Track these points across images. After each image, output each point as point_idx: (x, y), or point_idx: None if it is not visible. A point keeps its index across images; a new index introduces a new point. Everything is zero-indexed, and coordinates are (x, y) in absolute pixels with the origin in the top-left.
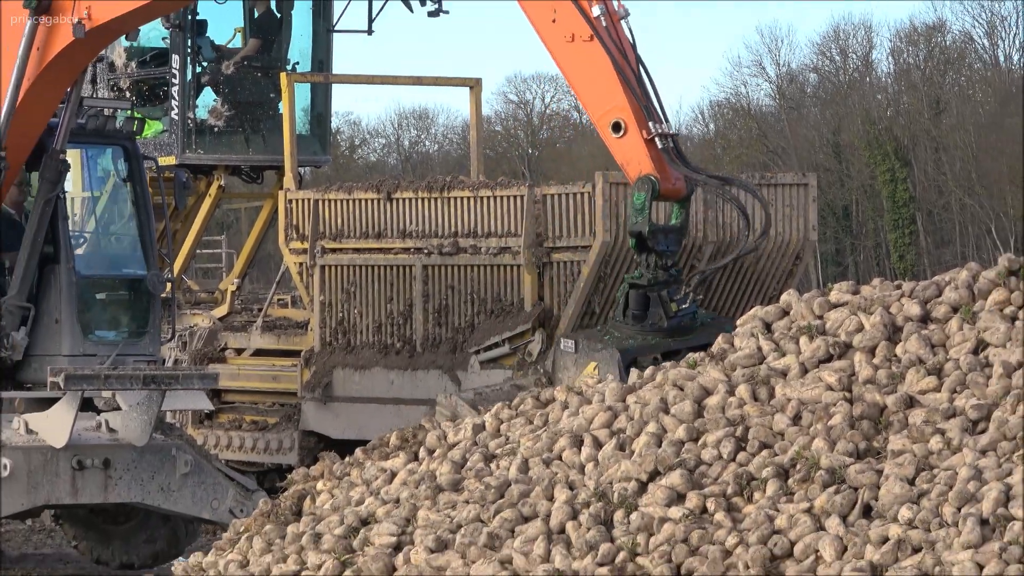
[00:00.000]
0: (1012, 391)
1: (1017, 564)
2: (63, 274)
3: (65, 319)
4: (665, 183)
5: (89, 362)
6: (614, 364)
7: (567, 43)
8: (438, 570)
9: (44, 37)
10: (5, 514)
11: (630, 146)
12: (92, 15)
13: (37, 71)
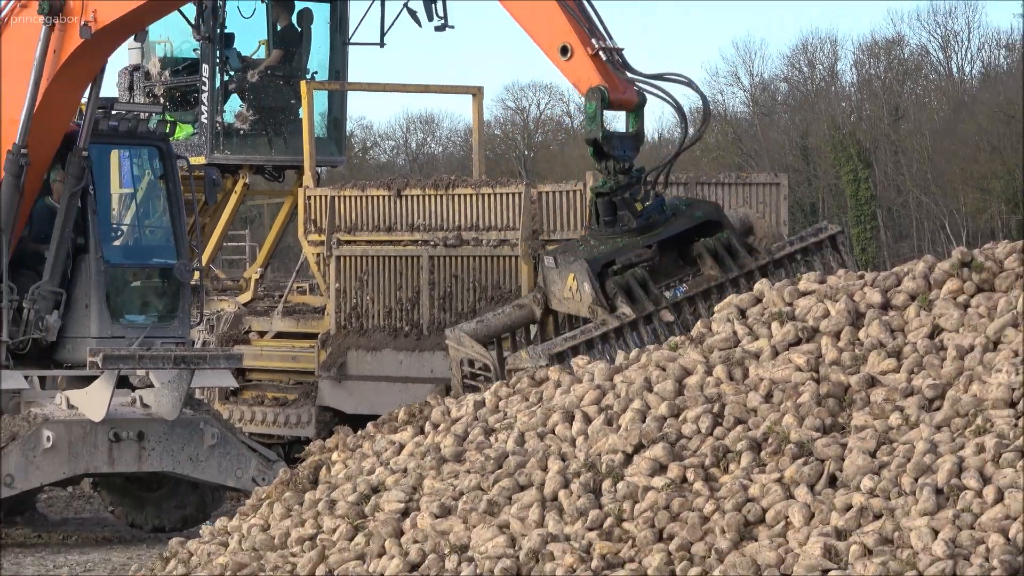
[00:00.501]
0: (964, 372)
1: (969, 530)
2: (92, 263)
3: (94, 304)
4: (614, 92)
5: (118, 344)
6: (585, 274)
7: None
8: (442, 534)
9: (58, 41)
10: (48, 482)
11: (578, 64)
12: (97, 17)
13: (54, 72)
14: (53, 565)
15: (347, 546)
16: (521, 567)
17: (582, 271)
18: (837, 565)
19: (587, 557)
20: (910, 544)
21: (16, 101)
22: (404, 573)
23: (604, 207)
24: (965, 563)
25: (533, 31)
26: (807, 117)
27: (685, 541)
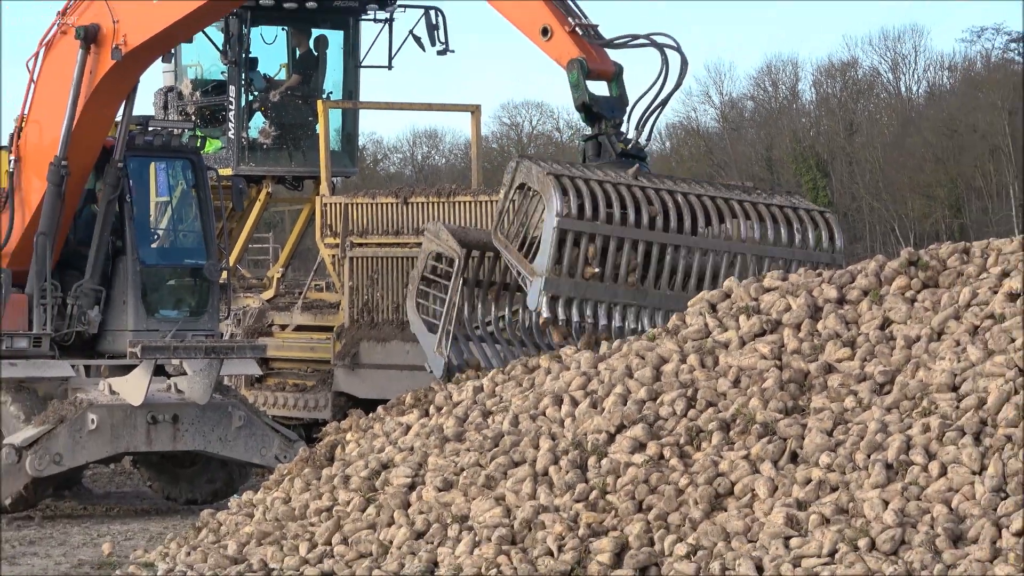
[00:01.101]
0: (911, 360)
1: (916, 501)
2: (129, 264)
3: (130, 301)
4: (592, 63)
5: (152, 336)
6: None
7: None
8: (444, 505)
9: (93, 63)
10: (93, 459)
11: (557, 41)
12: (127, 40)
13: (90, 91)
14: (97, 534)
15: (360, 516)
16: (516, 535)
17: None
18: (798, 532)
19: (575, 526)
20: (863, 514)
21: (58, 117)
22: (411, 540)
23: (591, 147)
24: (912, 530)
25: (516, 19)
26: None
27: (662, 511)
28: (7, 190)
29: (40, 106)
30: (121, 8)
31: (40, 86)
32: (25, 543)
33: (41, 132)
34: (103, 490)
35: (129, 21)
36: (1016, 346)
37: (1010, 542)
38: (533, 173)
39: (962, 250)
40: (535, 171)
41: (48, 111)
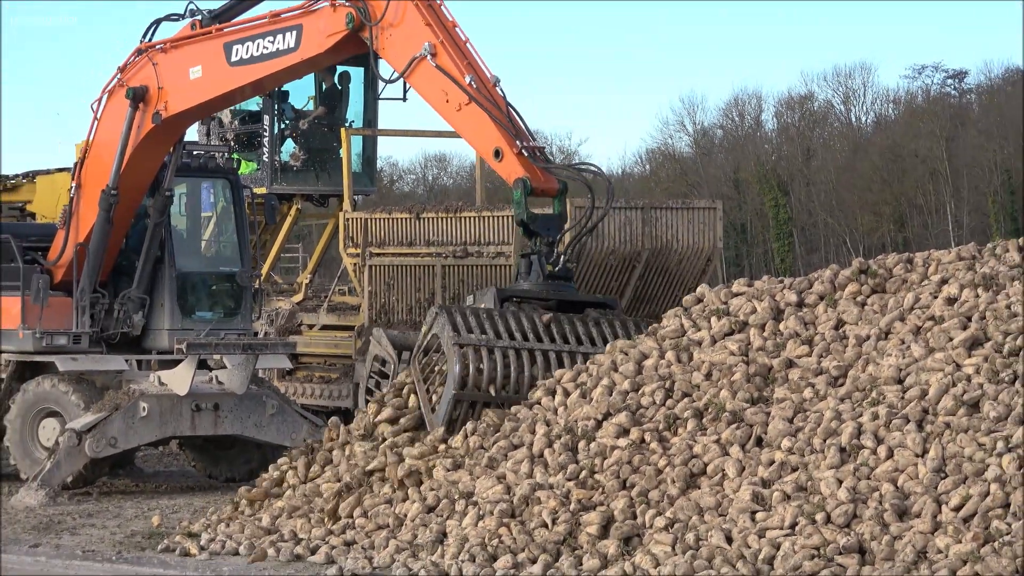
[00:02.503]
0: (862, 356)
1: (866, 480)
2: (166, 272)
3: (167, 304)
4: (536, 181)
5: (189, 334)
6: (491, 299)
7: (457, 111)
8: (452, 483)
9: (140, 119)
10: (144, 443)
11: (507, 162)
12: (168, 107)
13: (136, 143)
14: (147, 508)
15: (377, 493)
16: (515, 509)
17: (489, 298)
18: (763, 507)
19: (567, 501)
20: (820, 491)
21: (111, 155)
22: (423, 514)
23: (524, 265)
24: (863, 506)
25: (473, 140)
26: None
27: (643, 489)
28: (66, 210)
29: (99, 144)
30: (166, 77)
31: (100, 126)
32: (84, 516)
33: (98, 165)
34: (152, 469)
35: (171, 89)
36: (953, 344)
37: (949, 516)
38: (445, 334)
39: (906, 260)
40: (446, 333)
41: (105, 149)
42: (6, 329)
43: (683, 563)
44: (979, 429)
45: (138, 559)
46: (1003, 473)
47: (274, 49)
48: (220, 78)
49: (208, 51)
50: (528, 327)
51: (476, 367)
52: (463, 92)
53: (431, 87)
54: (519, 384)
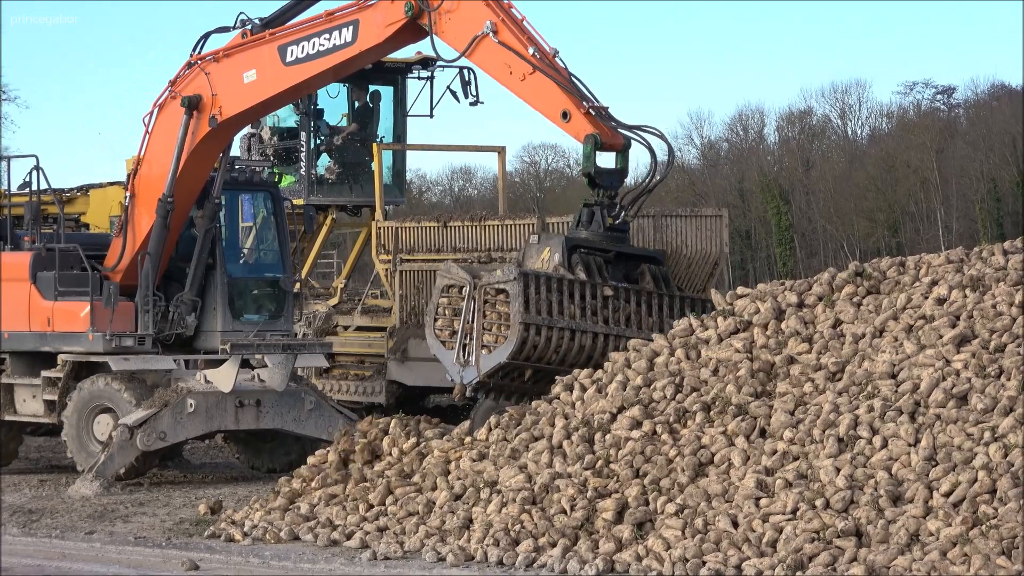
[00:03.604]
0: (858, 353)
1: (862, 468)
2: (218, 277)
3: (219, 307)
4: (605, 137)
5: (238, 336)
6: (559, 246)
7: (521, 82)
8: (477, 473)
9: (195, 125)
10: (191, 436)
11: (575, 121)
12: (223, 111)
13: (191, 148)
14: (195, 497)
15: (408, 481)
16: (536, 497)
17: (558, 244)
18: (766, 494)
19: (584, 489)
20: (819, 478)
21: (166, 165)
22: (450, 501)
23: (586, 214)
24: (860, 492)
25: (539, 105)
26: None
27: (655, 477)
28: (122, 219)
29: (152, 155)
30: (219, 83)
31: (153, 138)
32: (136, 504)
33: (152, 175)
34: (199, 461)
35: (225, 95)
36: (943, 341)
37: (939, 502)
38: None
39: (899, 263)
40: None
41: (158, 159)
42: (75, 332)
43: (692, 546)
44: (967, 420)
45: (186, 544)
46: (990, 461)
47: (331, 45)
48: (276, 78)
49: (262, 55)
50: (589, 298)
51: (532, 344)
52: (526, 63)
53: (494, 62)
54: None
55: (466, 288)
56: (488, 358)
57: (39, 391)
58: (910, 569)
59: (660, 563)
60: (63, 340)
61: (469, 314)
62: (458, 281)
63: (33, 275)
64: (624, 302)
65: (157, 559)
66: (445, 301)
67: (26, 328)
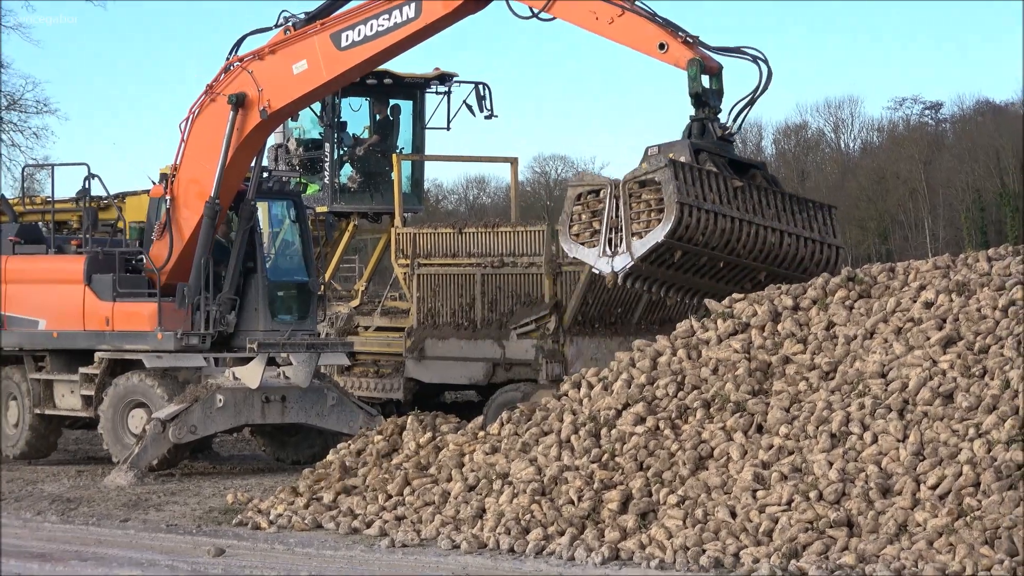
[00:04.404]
0: (850, 353)
1: (854, 462)
2: (259, 280)
3: (260, 308)
4: (706, 61)
5: (273, 335)
6: (686, 149)
7: (610, 24)
8: (490, 465)
9: (241, 121)
10: (220, 430)
11: (674, 49)
12: (271, 104)
13: (238, 143)
14: (223, 487)
15: (424, 473)
16: (545, 488)
17: (683, 148)
18: (763, 486)
19: (591, 481)
20: (813, 472)
21: (208, 165)
22: (464, 492)
23: (697, 127)
24: (851, 484)
25: (634, 43)
26: None
27: (658, 470)
28: (164, 222)
29: (191, 157)
30: (264, 79)
31: (191, 141)
32: (168, 494)
33: (192, 177)
34: (228, 453)
35: (271, 89)
36: (930, 343)
37: (926, 494)
38: (669, 189)
39: (888, 269)
40: (671, 188)
41: (198, 161)
42: (142, 331)
43: (693, 535)
44: (953, 417)
45: (215, 532)
46: (974, 456)
47: (391, 24)
48: (329, 64)
49: (312, 45)
50: (720, 189)
51: (685, 225)
52: (613, 6)
53: (578, 12)
54: (708, 243)
55: (605, 190)
56: (642, 242)
57: (77, 387)
58: (898, 558)
59: (662, 551)
60: (126, 339)
61: (612, 211)
62: (595, 185)
63: (88, 277)
64: (748, 195)
65: (187, 545)
66: (579, 208)
67: (79, 328)
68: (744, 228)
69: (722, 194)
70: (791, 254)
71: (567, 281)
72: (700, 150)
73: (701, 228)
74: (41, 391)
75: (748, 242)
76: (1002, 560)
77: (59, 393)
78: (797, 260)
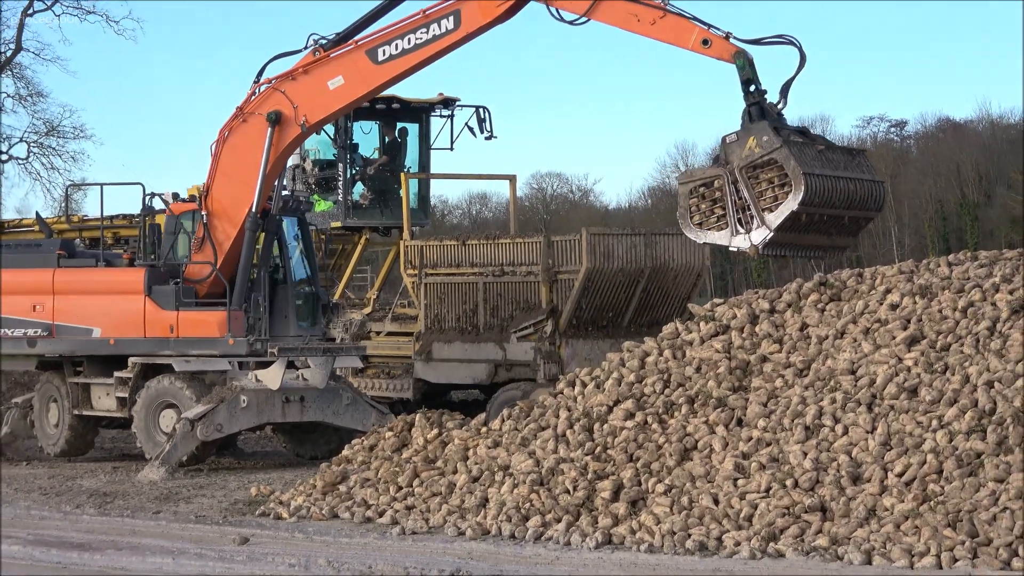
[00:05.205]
0: (822, 352)
1: (826, 452)
2: (289, 288)
3: (291, 315)
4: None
5: (297, 340)
6: (768, 130)
7: (652, 25)
8: (492, 458)
9: (278, 137)
10: (244, 428)
11: (718, 44)
12: (308, 119)
13: (275, 157)
14: (247, 481)
15: (432, 466)
16: (543, 479)
17: (764, 128)
18: (743, 475)
19: (585, 472)
20: (789, 461)
21: (245, 181)
22: (469, 483)
23: (756, 110)
24: (824, 473)
25: (677, 40)
26: None
27: (647, 461)
28: (202, 236)
29: (224, 173)
30: (298, 96)
31: (224, 159)
32: (196, 487)
33: (229, 193)
34: (251, 450)
35: (307, 105)
36: (896, 342)
37: (893, 481)
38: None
39: (857, 274)
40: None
41: (231, 176)
42: (210, 337)
43: (679, 521)
44: (917, 410)
45: (240, 522)
46: (937, 445)
47: (431, 36)
48: (366, 78)
49: (347, 62)
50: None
51: (812, 190)
52: (653, 8)
53: (620, 15)
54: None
55: (720, 179)
56: (776, 214)
57: (112, 389)
58: (868, 540)
59: (651, 536)
60: (193, 345)
61: (734, 195)
62: (706, 178)
63: (148, 288)
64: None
65: (215, 535)
66: (695, 200)
67: (139, 335)
68: (841, 183)
69: (816, 159)
70: (865, 196)
71: (562, 288)
72: (776, 127)
73: (820, 191)
74: (79, 394)
75: (845, 194)
76: (964, 541)
77: (95, 395)
78: (870, 200)
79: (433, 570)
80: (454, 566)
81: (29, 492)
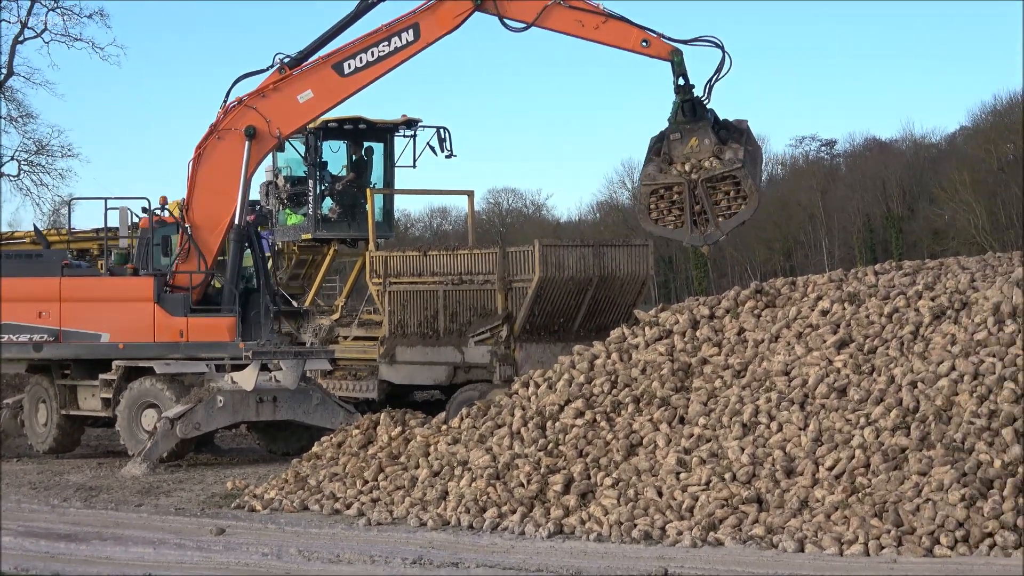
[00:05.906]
0: (758, 355)
1: (762, 448)
2: (263, 296)
3: (263, 320)
4: None
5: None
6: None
7: (595, 29)
8: (452, 454)
9: (256, 148)
10: (220, 426)
11: (656, 43)
12: (283, 131)
13: (253, 167)
14: (223, 475)
15: (395, 461)
16: (499, 473)
17: (706, 129)
18: (685, 469)
19: (538, 467)
20: (727, 456)
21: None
22: (430, 477)
23: (688, 107)
24: (760, 467)
25: (619, 42)
26: None
27: (595, 456)
28: (186, 248)
29: (205, 188)
30: (269, 111)
31: (203, 173)
32: (176, 482)
33: (211, 205)
34: (227, 447)
35: (279, 118)
36: (826, 345)
37: (824, 474)
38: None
39: (791, 282)
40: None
41: (210, 188)
42: (220, 341)
43: (626, 511)
44: (846, 408)
45: (216, 514)
46: (864, 441)
47: (392, 48)
48: (333, 91)
49: (315, 77)
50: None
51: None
52: (596, 14)
53: (565, 21)
54: None
55: (681, 186)
56: (731, 221)
57: (97, 390)
58: (801, 529)
59: (600, 526)
60: (203, 349)
61: (693, 201)
62: (667, 183)
63: (157, 296)
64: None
65: (193, 526)
66: (654, 199)
67: (149, 340)
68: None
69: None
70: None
71: (516, 296)
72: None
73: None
74: (67, 395)
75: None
76: (889, 530)
77: (82, 396)
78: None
79: (397, 558)
80: (416, 554)
81: (20, 487)
